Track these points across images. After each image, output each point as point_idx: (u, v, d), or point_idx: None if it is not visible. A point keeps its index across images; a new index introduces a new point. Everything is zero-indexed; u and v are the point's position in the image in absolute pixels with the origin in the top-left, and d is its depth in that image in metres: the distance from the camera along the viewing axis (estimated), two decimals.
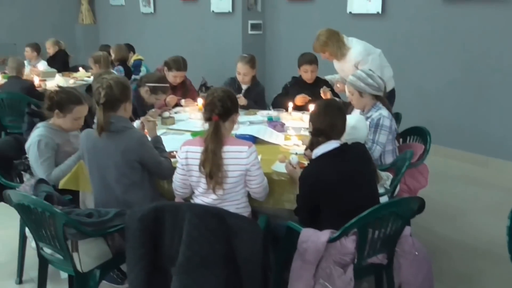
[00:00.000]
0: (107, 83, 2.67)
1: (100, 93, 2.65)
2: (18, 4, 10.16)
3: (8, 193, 2.47)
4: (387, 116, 3.35)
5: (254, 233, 2.25)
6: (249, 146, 2.58)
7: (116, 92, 2.67)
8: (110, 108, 2.67)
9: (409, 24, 5.83)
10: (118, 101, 2.70)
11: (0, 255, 3.54)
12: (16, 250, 3.23)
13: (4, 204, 3.19)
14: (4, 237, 3.79)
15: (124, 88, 2.74)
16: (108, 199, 2.71)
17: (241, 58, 4.56)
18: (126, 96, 2.75)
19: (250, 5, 7.40)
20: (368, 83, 3.40)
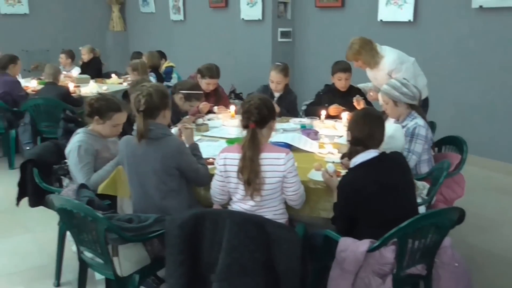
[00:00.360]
0: (147, 90, 2.72)
1: (140, 100, 2.69)
2: (51, 12, 10.39)
3: (50, 198, 2.53)
4: (423, 125, 3.32)
5: (294, 241, 2.25)
6: (286, 153, 2.59)
7: (155, 99, 2.71)
8: (149, 115, 2.71)
9: (442, 32, 5.78)
10: (157, 108, 2.74)
11: (38, 258, 3.61)
12: (53, 253, 3.30)
13: (41, 208, 3.30)
14: (42, 241, 3.87)
15: (164, 95, 2.78)
16: (147, 205, 2.75)
17: (275, 67, 4.58)
18: (165, 103, 2.79)
19: (280, 12, 7.43)
20: (403, 92, 3.37)
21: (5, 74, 5.64)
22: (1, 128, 5.48)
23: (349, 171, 2.59)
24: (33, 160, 3.13)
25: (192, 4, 9.26)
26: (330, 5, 6.97)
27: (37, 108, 5.20)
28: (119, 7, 11.07)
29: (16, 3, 10.13)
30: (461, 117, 5.72)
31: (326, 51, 6.99)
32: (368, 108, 3.97)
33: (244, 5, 7.65)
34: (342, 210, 2.57)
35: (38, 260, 3.58)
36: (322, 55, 7.10)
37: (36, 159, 3.14)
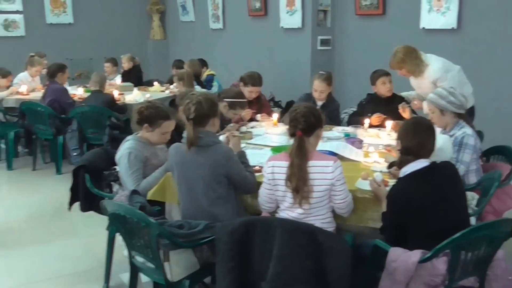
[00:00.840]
0: (197, 99, 2.78)
1: (190, 108, 2.75)
2: (94, 21, 10.67)
3: (104, 203, 2.60)
4: (472, 134, 3.27)
5: (344, 251, 2.25)
6: (334, 161, 2.61)
7: (205, 107, 2.77)
8: (199, 123, 2.76)
9: (488, 39, 5.66)
10: (207, 116, 2.79)
11: (86, 262, 3.71)
12: (101, 257, 3.38)
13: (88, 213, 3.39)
14: (90, 245, 3.97)
15: (213, 104, 2.84)
16: (195, 211, 2.79)
17: (318, 76, 4.59)
18: (214, 111, 2.84)
19: (320, 20, 7.42)
20: (450, 101, 3.33)
21: (53, 82, 5.81)
22: (50, 134, 5.65)
23: (399, 181, 2.57)
24: (85, 166, 3.23)
25: (232, 12, 9.35)
26: (371, 12, 6.91)
27: (84, 115, 5.35)
28: (159, 16, 11.25)
29: (62, 13, 10.43)
30: (508, 126, 5.58)
31: (367, 59, 6.93)
32: (419, 117, 3.92)
33: (284, 13, 7.67)
34: (391, 220, 2.55)
35: (86, 264, 3.68)
36: (362, 63, 7.04)
37: (87, 165, 3.24)
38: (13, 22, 9.98)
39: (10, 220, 4.58)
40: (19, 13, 10.02)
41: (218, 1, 9.47)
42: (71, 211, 3.47)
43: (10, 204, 4.95)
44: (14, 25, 9.99)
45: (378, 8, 6.80)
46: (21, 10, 10.03)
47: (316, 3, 7.27)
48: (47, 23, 10.30)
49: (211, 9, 9.75)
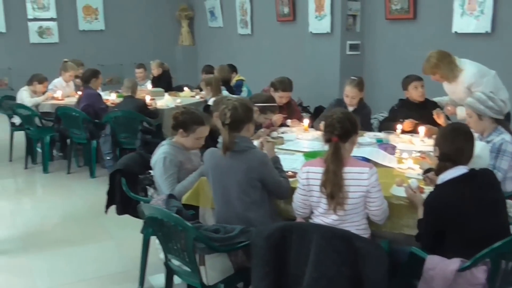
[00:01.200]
0: (232, 104, 2.81)
1: (226, 114, 2.79)
2: (125, 27, 10.88)
3: (141, 207, 2.65)
4: (510, 141, 3.20)
5: (381, 257, 2.24)
6: (370, 168, 2.61)
7: (241, 113, 2.80)
8: (235, 128, 2.79)
9: None
10: (242, 122, 2.82)
11: (120, 264, 3.77)
12: (135, 259, 3.45)
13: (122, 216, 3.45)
14: (124, 247, 4.05)
15: (248, 109, 2.87)
16: (229, 215, 2.81)
17: (350, 81, 4.56)
18: (249, 117, 2.88)
19: (349, 25, 7.40)
20: (489, 105, 3.27)
21: (88, 87, 5.95)
22: (84, 138, 5.76)
23: (438, 188, 2.54)
24: (121, 170, 3.29)
25: (260, 18, 9.39)
26: (401, 16, 6.85)
27: (117, 120, 5.45)
28: (188, 22, 11.40)
29: (94, 20, 10.68)
30: None
31: (397, 64, 6.88)
32: (457, 123, 3.86)
33: (313, 18, 7.67)
34: (428, 227, 2.52)
35: (120, 266, 3.74)
36: (392, 68, 6.99)
37: (124, 169, 3.29)
38: (47, 29, 10.28)
39: (45, 222, 4.68)
40: (53, 20, 10.30)
41: (247, 7, 9.53)
42: (107, 214, 3.53)
43: (45, 207, 5.06)
44: (48, 32, 10.29)
45: (409, 12, 6.73)
46: (55, 18, 10.31)
47: (345, 8, 7.25)
48: (79, 30, 10.57)
49: (239, 14, 9.82)
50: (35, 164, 6.40)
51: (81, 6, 10.53)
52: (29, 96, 6.30)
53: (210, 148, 2.94)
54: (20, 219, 4.71)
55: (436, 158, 2.60)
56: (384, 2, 6.99)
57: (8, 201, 5.22)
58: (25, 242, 4.17)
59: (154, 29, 11.18)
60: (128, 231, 4.01)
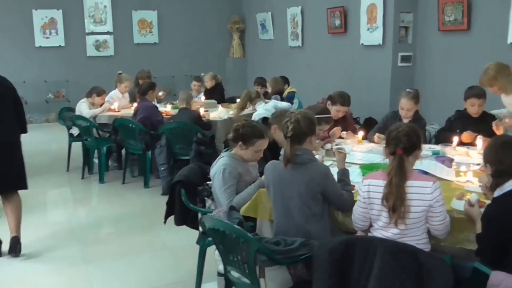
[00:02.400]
0: (295, 117, 2.84)
1: (288, 127, 2.82)
2: (178, 40, 11.17)
3: (203, 218, 2.71)
4: None
5: (446, 273, 2.20)
6: (433, 182, 2.58)
7: (303, 126, 2.83)
8: (297, 141, 2.82)
9: None
10: (304, 134, 2.84)
11: (175, 274, 3.83)
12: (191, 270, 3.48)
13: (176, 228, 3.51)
14: (179, 257, 4.11)
15: (311, 122, 2.89)
16: (290, 227, 2.83)
17: (406, 94, 4.50)
18: (312, 130, 2.89)
19: (401, 37, 7.33)
20: None
21: (144, 99, 6.11)
22: (139, 149, 5.91)
23: (495, 201, 2.50)
24: (181, 181, 3.36)
25: (311, 30, 9.43)
26: (455, 28, 6.74)
27: (172, 131, 5.58)
28: (239, 35, 11.57)
29: (148, 33, 11.02)
30: None
31: (450, 76, 6.76)
32: (503, 135, 3.79)
33: (364, 31, 7.65)
34: (488, 241, 2.46)
35: (176, 276, 3.79)
36: (445, 80, 6.87)
37: (184, 180, 3.37)
38: (104, 42, 10.66)
39: (101, 231, 4.84)
40: (109, 34, 10.67)
41: (298, 19, 9.60)
42: (163, 225, 3.60)
43: (101, 216, 5.20)
44: (105, 45, 10.66)
45: (463, 24, 6.61)
46: (111, 31, 10.68)
47: (397, 20, 7.20)
48: (134, 43, 10.91)
49: (291, 27, 9.89)
50: (91, 174, 6.59)
51: (136, 20, 10.91)
52: (88, 108, 6.52)
53: (271, 161, 2.97)
54: (77, 227, 4.85)
55: (489, 176, 2.54)
56: (437, 14, 6.89)
57: (66, 210, 5.40)
58: (82, 250, 4.29)
59: (205, 42, 11.41)
60: (183, 242, 4.11)
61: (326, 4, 8.71)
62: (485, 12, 6.36)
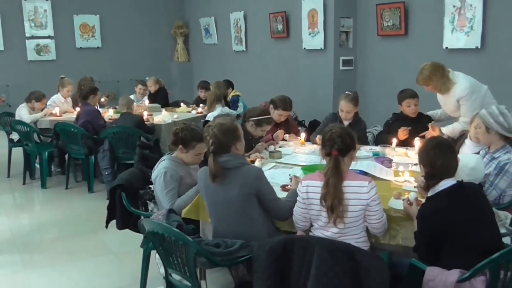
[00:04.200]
0: (212, 132, 2.79)
1: (209, 142, 2.79)
2: (121, 45, 11.00)
3: (142, 222, 2.68)
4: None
5: (382, 270, 2.25)
6: (369, 181, 2.64)
7: (222, 139, 2.78)
8: (221, 153, 2.78)
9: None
10: (227, 146, 2.80)
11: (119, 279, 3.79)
12: (135, 274, 3.47)
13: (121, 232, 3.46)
14: (123, 262, 4.06)
15: (230, 132, 2.83)
16: (226, 231, 2.81)
17: (345, 96, 4.62)
18: (233, 138, 2.84)
19: (342, 41, 7.51)
20: (498, 121, 3.25)
21: (86, 104, 6.01)
22: (82, 154, 5.81)
23: (429, 200, 2.59)
24: (122, 185, 3.31)
25: (254, 35, 9.51)
26: (393, 33, 6.97)
27: (115, 135, 5.50)
28: (183, 39, 11.52)
29: (90, 38, 10.80)
30: None
31: (389, 79, 6.98)
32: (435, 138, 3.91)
33: (306, 35, 7.78)
34: (424, 238, 2.55)
35: (120, 281, 3.75)
36: (385, 83, 7.09)
37: (124, 184, 3.32)
38: (45, 46, 10.38)
39: (44, 237, 4.69)
40: (50, 38, 10.42)
41: (241, 24, 9.65)
42: (107, 229, 3.54)
43: (44, 222, 5.07)
44: (46, 50, 10.39)
45: (401, 29, 6.85)
46: (52, 36, 10.43)
47: (338, 25, 7.37)
48: (76, 47, 10.69)
49: (234, 31, 9.93)
50: (33, 179, 6.44)
51: (78, 24, 10.67)
52: (28, 112, 6.36)
53: (204, 167, 2.92)
54: (18, 234, 4.71)
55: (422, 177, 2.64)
56: (376, 19, 7.11)
57: (7, 217, 5.23)
58: (24, 257, 4.18)
59: (150, 46, 11.31)
60: (128, 246, 4.06)
61: (268, 9, 8.81)
62: (421, 18, 6.62)
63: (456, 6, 6.06)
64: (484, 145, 3.43)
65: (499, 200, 3.24)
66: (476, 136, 3.58)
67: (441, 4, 6.22)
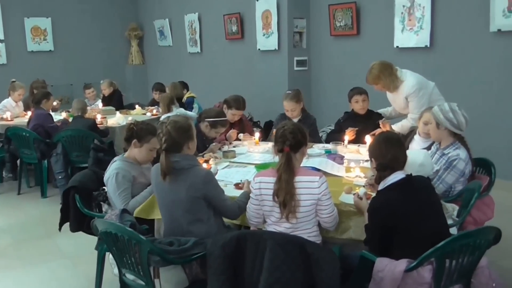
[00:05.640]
0: (166, 129, 2.78)
1: (162, 139, 2.78)
2: (73, 48, 10.77)
3: (95, 222, 2.65)
4: (464, 159, 3.28)
5: (333, 262, 2.30)
6: (320, 176, 2.69)
7: (175, 136, 2.78)
8: (173, 151, 2.78)
9: (460, 57, 5.86)
10: (179, 144, 2.80)
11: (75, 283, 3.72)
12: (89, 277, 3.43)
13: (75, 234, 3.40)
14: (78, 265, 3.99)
15: (183, 130, 2.83)
16: (176, 230, 2.80)
17: (285, 96, 4.69)
18: (186, 137, 2.84)
19: (296, 42, 7.61)
20: (448, 117, 3.33)
21: (39, 108, 5.90)
22: (34, 158, 5.66)
23: (379, 193, 2.65)
24: (75, 187, 3.26)
25: (209, 36, 9.52)
26: (346, 33, 7.13)
27: (68, 139, 5.39)
28: (137, 42, 11.41)
29: (42, 41, 10.55)
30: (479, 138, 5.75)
31: (343, 78, 7.12)
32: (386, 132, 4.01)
33: (260, 36, 7.85)
34: (374, 231, 2.61)
35: (75, 284, 3.70)
36: (339, 82, 7.23)
37: (78, 186, 3.27)
38: None
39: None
40: (0, 42, 10.14)
41: (196, 26, 9.65)
42: (61, 232, 3.47)
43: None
44: None
45: (353, 29, 7.00)
46: (2, 39, 10.16)
47: (291, 26, 7.47)
48: (28, 51, 10.43)
49: (189, 33, 9.91)
50: None
51: (29, 27, 10.40)
52: None
53: (156, 165, 2.91)
54: None
55: (374, 169, 2.71)
56: (328, 19, 7.24)
57: None
58: None
59: (103, 49, 11.12)
60: (82, 249, 4.00)
61: (222, 11, 8.84)
62: (373, 18, 6.79)
63: (405, 6, 6.25)
64: (436, 140, 3.53)
65: (448, 194, 3.35)
66: (425, 131, 3.70)
67: (391, 4, 6.40)
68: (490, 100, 5.66)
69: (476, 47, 5.71)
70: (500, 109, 5.60)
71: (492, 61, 5.59)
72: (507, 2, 5.23)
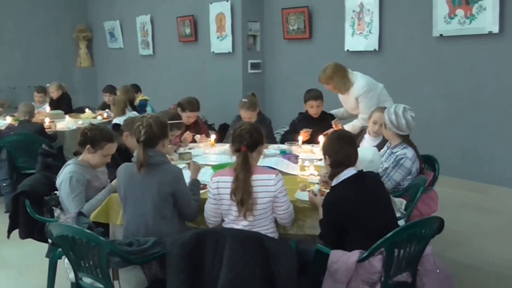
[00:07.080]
0: (147, 122, 2.85)
1: (141, 131, 2.82)
2: (17, 48, 10.40)
3: (49, 226, 2.59)
4: (411, 158, 3.44)
5: (290, 255, 2.38)
6: (276, 174, 2.77)
7: (155, 130, 2.85)
8: (150, 145, 2.83)
9: (406, 59, 6.11)
10: (157, 138, 2.87)
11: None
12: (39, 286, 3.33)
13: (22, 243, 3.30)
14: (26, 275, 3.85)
15: (163, 126, 2.93)
16: (140, 228, 2.81)
17: (242, 105, 4.67)
18: (164, 133, 2.93)
19: (250, 45, 7.68)
20: (390, 118, 3.50)
21: None
22: None
23: (333, 189, 2.75)
24: (25, 192, 3.16)
25: (162, 39, 9.46)
26: (298, 36, 7.26)
27: (13, 144, 5.21)
28: (86, 44, 11.17)
29: None
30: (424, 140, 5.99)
31: (296, 80, 7.25)
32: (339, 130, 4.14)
33: (214, 39, 7.88)
34: (329, 225, 2.71)
35: None
36: (292, 84, 7.35)
37: (28, 191, 3.17)
38: None
39: None
40: None
41: (148, 28, 9.56)
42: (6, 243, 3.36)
43: None
44: None
45: (305, 32, 7.14)
46: None
47: (245, 29, 7.54)
48: None
49: (141, 35, 9.82)
50: None
51: None
52: None
53: (124, 163, 2.93)
54: None
55: (327, 166, 2.82)
56: (282, 23, 7.35)
57: None
58: None
59: (49, 51, 10.81)
60: (29, 259, 3.88)
61: (175, 13, 8.81)
62: (324, 22, 6.95)
63: (355, 11, 6.44)
64: (388, 139, 3.68)
65: (397, 190, 3.49)
66: (374, 130, 3.85)
67: (342, 9, 6.58)
68: (434, 100, 5.91)
69: (420, 50, 5.96)
70: (444, 109, 5.86)
71: (435, 64, 5.86)
72: (447, 9, 5.52)
